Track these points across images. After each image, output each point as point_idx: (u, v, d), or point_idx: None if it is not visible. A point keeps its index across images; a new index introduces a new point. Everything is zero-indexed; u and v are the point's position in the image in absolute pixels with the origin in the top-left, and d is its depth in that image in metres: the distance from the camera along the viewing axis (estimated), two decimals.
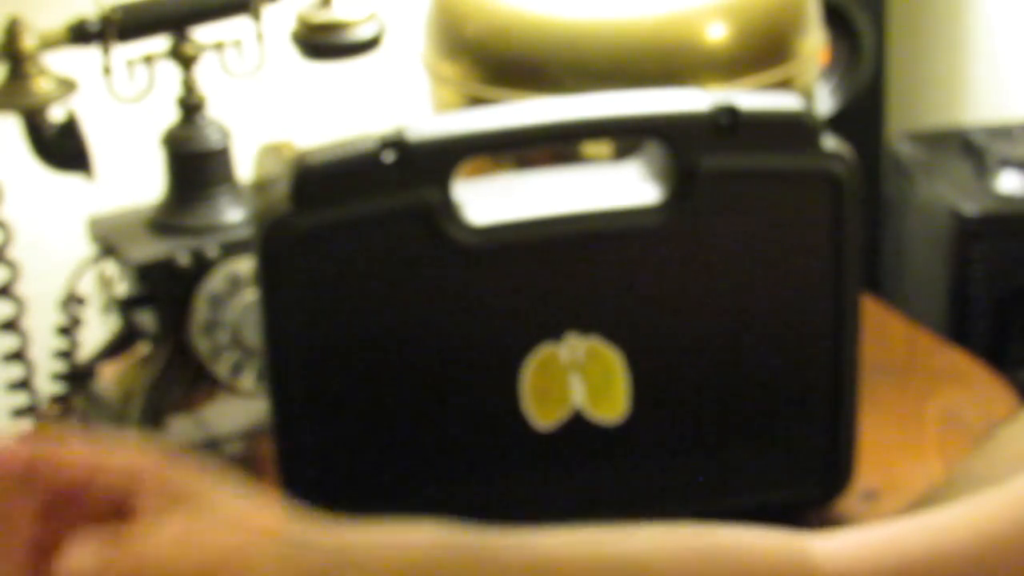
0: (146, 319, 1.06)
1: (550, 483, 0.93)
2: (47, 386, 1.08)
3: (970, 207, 1.35)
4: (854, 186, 0.91)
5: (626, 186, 0.92)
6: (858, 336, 0.94)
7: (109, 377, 1.11)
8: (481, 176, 0.96)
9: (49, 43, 1.00)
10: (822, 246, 0.91)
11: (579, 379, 0.91)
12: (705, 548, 0.72)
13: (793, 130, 0.90)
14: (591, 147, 1.07)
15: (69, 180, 1.04)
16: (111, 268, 1.07)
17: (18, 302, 1.05)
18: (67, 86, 1.00)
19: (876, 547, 0.72)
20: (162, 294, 1.04)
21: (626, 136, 0.99)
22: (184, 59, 1.06)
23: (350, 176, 0.87)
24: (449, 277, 0.88)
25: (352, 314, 0.88)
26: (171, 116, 1.07)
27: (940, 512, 0.72)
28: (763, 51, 1.11)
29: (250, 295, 1.03)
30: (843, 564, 0.72)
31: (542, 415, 0.91)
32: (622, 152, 1.04)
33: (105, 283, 1.08)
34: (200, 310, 1.03)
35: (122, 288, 1.07)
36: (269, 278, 0.87)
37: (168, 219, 1.06)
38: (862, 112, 1.54)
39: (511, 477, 0.92)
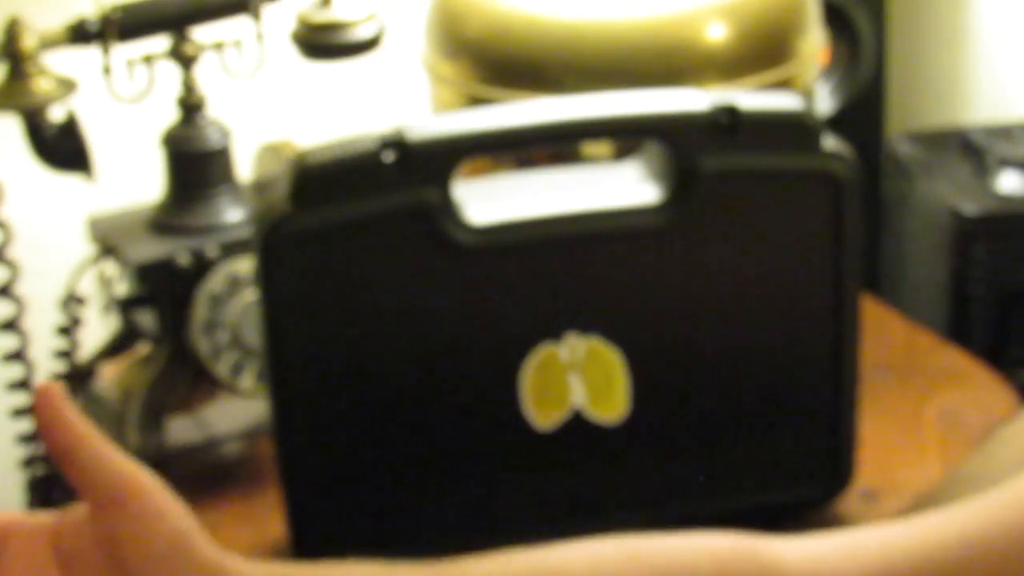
0: (146, 319, 1.06)
1: (550, 483, 0.93)
2: None
3: (970, 207, 1.35)
4: (854, 186, 0.91)
5: (626, 186, 0.92)
6: (858, 336, 0.94)
7: (109, 377, 1.11)
8: (481, 176, 0.96)
9: (49, 43, 1.00)
10: (822, 246, 0.91)
11: (579, 379, 0.91)
12: (646, 553, 0.72)
13: (793, 130, 0.90)
14: (591, 147, 1.07)
15: (69, 180, 1.04)
16: (111, 268, 1.07)
17: (18, 302, 1.05)
18: (67, 86, 1.00)
19: (859, 550, 0.72)
20: (162, 294, 1.04)
21: (626, 136, 0.99)
22: (184, 59, 1.06)
23: (350, 176, 0.87)
24: (449, 277, 0.88)
25: (352, 314, 0.88)
26: (171, 116, 1.07)
27: (929, 515, 0.72)
28: (763, 51, 1.11)
29: (250, 295, 1.03)
30: (826, 569, 0.71)
31: (542, 415, 0.91)
32: (622, 152, 1.03)
33: (105, 283, 1.08)
34: (200, 310, 1.03)
35: (122, 288, 1.07)
36: (269, 278, 0.87)
37: (168, 219, 1.06)
38: (862, 112, 1.54)
39: (511, 477, 0.92)
